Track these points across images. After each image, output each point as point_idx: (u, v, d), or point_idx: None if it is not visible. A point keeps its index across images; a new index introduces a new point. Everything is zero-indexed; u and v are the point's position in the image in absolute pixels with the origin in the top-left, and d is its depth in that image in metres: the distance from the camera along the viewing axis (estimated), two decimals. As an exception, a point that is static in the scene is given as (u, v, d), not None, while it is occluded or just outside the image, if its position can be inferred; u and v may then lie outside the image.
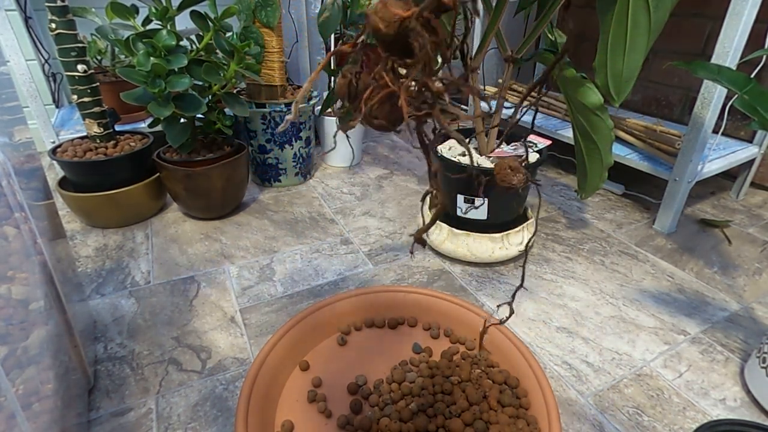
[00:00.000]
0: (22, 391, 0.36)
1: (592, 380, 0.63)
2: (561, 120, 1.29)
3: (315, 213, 1.07)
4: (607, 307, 0.77)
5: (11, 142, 0.50)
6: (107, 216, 0.98)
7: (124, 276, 0.84)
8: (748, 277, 0.84)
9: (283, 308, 0.76)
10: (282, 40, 1.05)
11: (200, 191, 0.96)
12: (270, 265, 0.87)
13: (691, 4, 1.18)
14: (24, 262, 0.43)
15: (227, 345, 0.69)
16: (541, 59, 0.82)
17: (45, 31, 1.35)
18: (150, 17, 0.85)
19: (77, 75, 0.88)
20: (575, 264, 0.88)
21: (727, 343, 0.69)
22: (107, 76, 1.25)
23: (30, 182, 0.52)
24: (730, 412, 0.59)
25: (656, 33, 0.65)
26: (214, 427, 0.56)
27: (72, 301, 0.59)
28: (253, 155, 1.16)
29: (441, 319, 0.67)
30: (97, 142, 0.97)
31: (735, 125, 1.16)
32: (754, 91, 0.54)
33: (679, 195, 0.93)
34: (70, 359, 0.53)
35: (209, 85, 0.92)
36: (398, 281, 0.83)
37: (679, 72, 1.25)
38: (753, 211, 1.08)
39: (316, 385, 0.58)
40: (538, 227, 1.00)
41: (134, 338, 0.70)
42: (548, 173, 1.29)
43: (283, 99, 1.10)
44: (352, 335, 0.66)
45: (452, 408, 0.53)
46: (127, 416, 0.58)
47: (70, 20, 0.84)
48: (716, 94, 0.83)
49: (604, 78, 0.73)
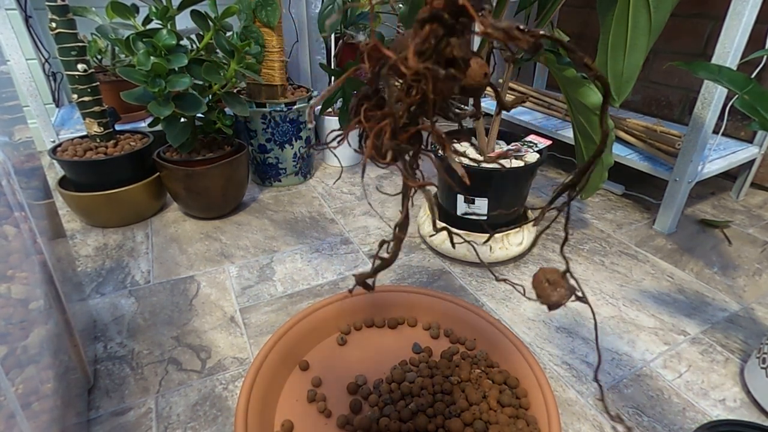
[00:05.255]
0: (22, 390, 0.35)
1: (592, 380, 0.63)
2: (561, 120, 1.29)
3: (315, 213, 1.07)
4: (607, 307, 0.77)
5: (11, 141, 0.50)
6: (107, 215, 0.98)
7: (124, 275, 0.84)
8: (748, 278, 0.84)
9: (283, 308, 0.76)
10: (282, 39, 1.05)
11: (200, 191, 0.96)
12: (270, 265, 0.87)
13: (691, 4, 1.18)
14: (24, 262, 0.43)
15: (227, 344, 0.69)
16: (541, 59, 0.82)
17: (45, 30, 1.35)
18: (150, 17, 0.85)
19: (77, 74, 0.88)
20: (575, 264, 0.88)
21: (727, 343, 0.69)
22: (107, 76, 1.25)
23: (30, 181, 0.52)
24: (730, 413, 0.59)
25: (657, 33, 0.65)
26: (214, 427, 0.56)
27: (72, 300, 0.59)
28: (253, 155, 1.16)
29: (441, 319, 0.67)
30: (97, 142, 0.97)
31: (735, 126, 1.16)
32: (754, 92, 0.54)
33: (679, 195, 0.93)
34: (70, 358, 0.53)
35: (209, 84, 0.92)
36: (398, 281, 0.83)
37: (680, 72, 1.25)
38: (753, 212, 1.08)
39: (316, 384, 0.58)
40: (538, 226, 1.00)
41: (134, 338, 0.70)
42: (548, 173, 1.29)
43: (283, 99, 1.09)
44: (352, 335, 0.66)
45: (452, 408, 0.53)
46: (127, 416, 0.58)
47: (70, 19, 0.84)
48: (716, 95, 0.83)
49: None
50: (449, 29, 0.21)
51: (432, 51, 0.21)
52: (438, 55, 0.21)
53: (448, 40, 0.21)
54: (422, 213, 0.94)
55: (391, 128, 0.23)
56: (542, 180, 1.24)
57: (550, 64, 0.76)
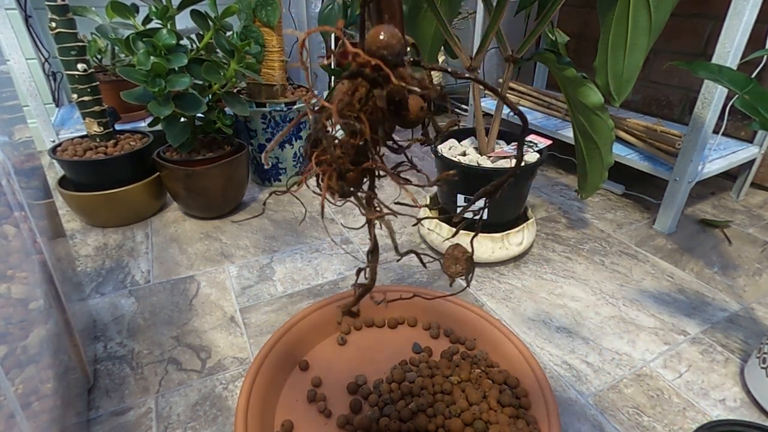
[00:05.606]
0: (22, 390, 0.35)
1: (592, 380, 0.63)
2: (561, 120, 1.29)
3: (315, 213, 1.07)
4: (607, 307, 0.77)
5: (11, 141, 0.50)
6: (107, 215, 0.98)
7: (123, 275, 0.84)
8: (748, 278, 0.84)
9: (283, 308, 0.76)
10: (282, 39, 1.05)
11: (200, 191, 0.96)
12: (270, 265, 0.87)
13: (691, 4, 1.18)
14: (24, 261, 0.43)
15: (227, 344, 0.69)
16: (541, 59, 0.82)
17: (45, 29, 1.35)
18: (150, 16, 0.85)
19: (77, 74, 0.88)
20: (575, 264, 0.88)
21: (727, 343, 0.69)
22: (107, 75, 1.25)
23: (30, 181, 0.52)
24: (730, 413, 0.59)
25: (657, 33, 0.65)
26: (214, 427, 0.56)
27: (72, 300, 0.59)
28: (253, 155, 1.16)
29: (441, 319, 0.67)
30: (97, 141, 0.97)
31: (735, 125, 1.16)
32: (754, 92, 0.54)
33: (680, 195, 0.93)
34: (70, 358, 0.53)
35: (209, 84, 0.92)
36: (398, 281, 0.83)
37: (680, 72, 1.25)
38: (753, 212, 1.08)
39: (316, 384, 0.58)
40: (537, 228, 1.00)
41: (134, 337, 0.70)
42: (548, 173, 1.29)
43: (283, 98, 1.09)
44: (352, 335, 0.66)
45: (452, 408, 0.53)
46: (127, 415, 0.58)
47: (70, 19, 0.84)
48: (717, 95, 0.83)
49: (605, 78, 0.73)
50: (372, 82, 0.24)
51: (365, 100, 0.24)
52: (370, 102, 0.24)
53: (372, 92, 0.24)
54: (422, 213, 0.94)
55: (336, 173, 0.26)
56: (542, 180, 1.24)
57: (550, 64, 0.76)
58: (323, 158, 0.25)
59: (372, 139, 0.25)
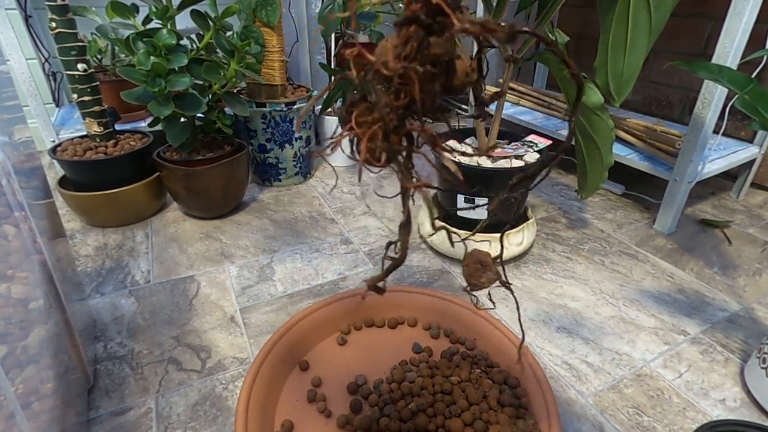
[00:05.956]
0: (22, 390, 0.35)
1: (592, 380, 0.63)
2: (561, 120, 1.29)
3: (315, 212, 1.07)
4: (607, 307, 0.77)
5: (11, 141, 0.50)
6: (107, 215, 0.98)
7: (123, 275, 0.84)
8: (748, 278, 0.84)
9: (283, 308, 0.76)
10: (282, 39, 1.05)
11: (200, 191, 0.96)
12: (270, 265, 0.87)
13: (691, 4, 1.18)
14: (24, 261, 0.43)
15: (227, 344, 0.69)
16: (541, 59, 0.82)
17: (45, 29, 1.35)
18: (150, 16, 0.85)
19: (77, 74, 0.88)
20: (575, 264, 0.88)
21: (727, 343, 0.69)
22: (107, 75, 1.25)
23: (30, 181, 0.52)
24: (730, 413, 0.59)
25: (657, 33, 0.65)
26: (214, 427, 0.56)
27: (72, 300, 0.59)
28: (253, 155, 1.16)
29: (441, 319, 0.67)
30: (97, 141, 0.97)
31: (735, 125, 1.16)
32: (754, 92, 0.54)
33: (680, 195, 0.93)
34: (70, 358, 0.53)
35: (209, 84, 0.92)
36: (398, 281, 0.83)
37: (680, 72, 1.25)
38: (753, 212, 1.08)
39: (316, 384, 0.58)
40: (537, 228, 1.00)
41: (134, 337, 0.70)
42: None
43: (283, 98, 1.09)
44: (352, 335, 0.66)
45: (452, 408, 0.53)
46: (127, 415, 0.58)
47: (70, 19, 0.84)
48: (717, 95, 0.83)
49: (605, 78, 0.73)
50: (428, 29, 0.21)
51: (415, 53, 0.22)
52: (422, 57, 0.22)
53: (428, 40, 0.22)
54: (422, 213, 0.94)
55: (383, 131, 0.24)
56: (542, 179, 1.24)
57: (550, 64, 0.76)
58: (365, 119, 0.24)
59: (421, 100, 0.23)
